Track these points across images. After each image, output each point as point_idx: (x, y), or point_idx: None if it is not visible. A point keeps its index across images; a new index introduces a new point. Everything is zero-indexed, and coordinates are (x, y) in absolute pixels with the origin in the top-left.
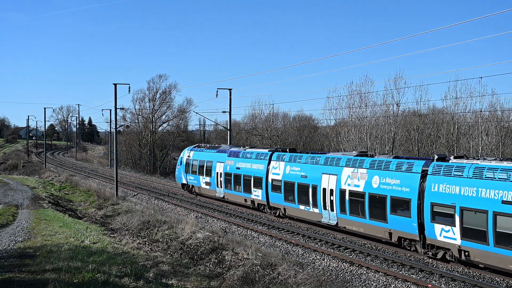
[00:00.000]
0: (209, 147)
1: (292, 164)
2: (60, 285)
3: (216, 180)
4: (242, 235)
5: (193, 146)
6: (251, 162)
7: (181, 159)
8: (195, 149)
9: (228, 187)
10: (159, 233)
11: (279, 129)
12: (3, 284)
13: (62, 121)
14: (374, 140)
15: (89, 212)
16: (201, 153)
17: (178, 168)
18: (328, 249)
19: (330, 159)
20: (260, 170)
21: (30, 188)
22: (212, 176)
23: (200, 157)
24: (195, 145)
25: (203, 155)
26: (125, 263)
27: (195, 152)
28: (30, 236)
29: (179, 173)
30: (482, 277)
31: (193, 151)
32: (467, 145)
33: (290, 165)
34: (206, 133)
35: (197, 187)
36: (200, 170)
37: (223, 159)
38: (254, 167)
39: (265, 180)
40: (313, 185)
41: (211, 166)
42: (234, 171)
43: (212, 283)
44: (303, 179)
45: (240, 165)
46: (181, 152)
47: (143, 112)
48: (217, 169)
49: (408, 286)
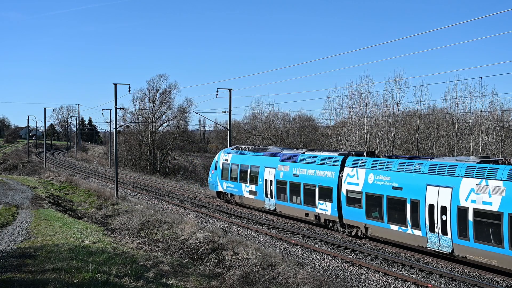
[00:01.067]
0: (252, 149)
1: (378, 172)
2: (60, 285)
3: (265, 189)
4: (242, 235)
5: (230, 148)
6: (314, 168)
7: (216, 163)
8: (234, 152)
9: (282, 197)
10: (159, 233)
11: (279, 129)
12: (3, 284)
13: (62, 121)
14: (374, 140)
15: (89, 212)
16: (243, 157)
17: (213, 174)
18: (328, 249)
19: (439, 166)
20: (329, 178)
21: (30, 188)
22: (259, 184)
23: (242, 160)
24: (234, 147)
25: (245, 158)
26: (125, 263)
27: (235, 155)
28: (30, 236)
29: (214, 179)
30: (482, 277)
31: (231, 154)
32: (467, 145)
33: (375, 173)
34: (206, 133)
35: (237, 196)
36: (242, 176)
37: (273, 164)
38: (320, 175)
39: (337, 191)
40: (412, 199)
41: (257, 172)
42: (290, 178)
43: (212, 283)
44: (396, 191)
45: (299, 172)
46: (216, 155)
47: (143, 112)
48: (266, 175)
49: (408, 286)
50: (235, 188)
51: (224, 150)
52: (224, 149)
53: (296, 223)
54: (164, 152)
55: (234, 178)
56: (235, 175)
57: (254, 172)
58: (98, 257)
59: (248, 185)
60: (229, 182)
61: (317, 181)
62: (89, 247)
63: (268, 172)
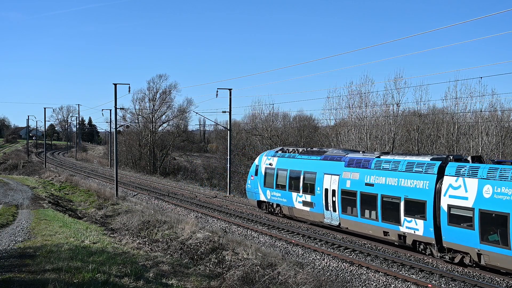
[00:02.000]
0: (303, 152)
1: (497, 183)
2: (60, 285)
3: (324, 200)
4: (242, 235)
5: (274, 150)
6: (397, 176)
7: (257, 167)
8: (280, 155)
9: (349, 211)
10: (159, 233)
11: (279, 129)
12: (3, 284)
13: (62, 121)
14: (374, 140)
15: (89, 212)
16: (292, 160)
17: (252, 180)
18: (328, 249)
19: None
20: (420, 189)
21: (30, 188)
22: (316, 193)
23: (291, 165)
24: (278, 149)
25: (295, 163)
26: (125, 263)
27: (281, 159)
28: (30, 236)
29: (254, 186)
30: (482, 277)
31: (276, 157)
32: (467, 145)
33: (493, 184)
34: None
35: (286, 207)
36: (292, 184)
37: (336, 170)
38: (406, 184)
39: (433, 205)
40: None
41: (314, 179)
42: (361, 188)
43: (212, 283)
44: None
45: (374, 180)
46: (256, 159)
47: (143, 112)
48: (326, 184)
49: (408, 286)
50: (283, 197)
51: (266, 153)
52: (267, 151)
53: (296, 223)
54: (164, 152)
55: (281, 186)
56: (282, 182)
57: (309, 179)
58: (98, 257)
59: (300, 195)
60: (274, 190)
61: (402, 193)
62: (89, 247)
63: (328, 180)
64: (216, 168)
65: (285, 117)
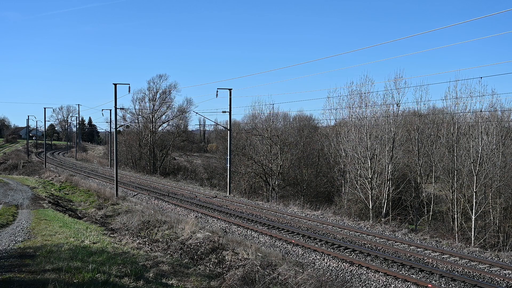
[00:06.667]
0: None
1: None
2: (60, 285)
3: None
4: (242, 235)
5: None
6: None
7: None
8: None
9: None
10: (159, 233)
11: (279, 129)
12: (3, 284)
13: (62, 121)
14: (374, 140)
15: (89, 212)
16: None
17: None
18: (328, 249)
19: None
20: None
21: (30, 188)
22: None
23: None
24: None
25: None
26: (125, 263)
27: None
28: (30, 236)
29: None
30: (482, 277)
31: None
32: (467, 145)
33: None
34: (206, 133)
35: None
36: None
37: None
38: None
39: None
40: None
41: None
42: None
43: (212, 283)
44: None
45: None
46: None
47: (143, 112)
48: None
49: (408, 286)
50: None
51: None
52: None
53: (296, 223)
54: (164, 152)
55: None
56: None
57: None
58: (98, 257)
59: None
60: None
61: None
62: (89, 247)
63: None
64: (216, 168)
65: (285, 117)
